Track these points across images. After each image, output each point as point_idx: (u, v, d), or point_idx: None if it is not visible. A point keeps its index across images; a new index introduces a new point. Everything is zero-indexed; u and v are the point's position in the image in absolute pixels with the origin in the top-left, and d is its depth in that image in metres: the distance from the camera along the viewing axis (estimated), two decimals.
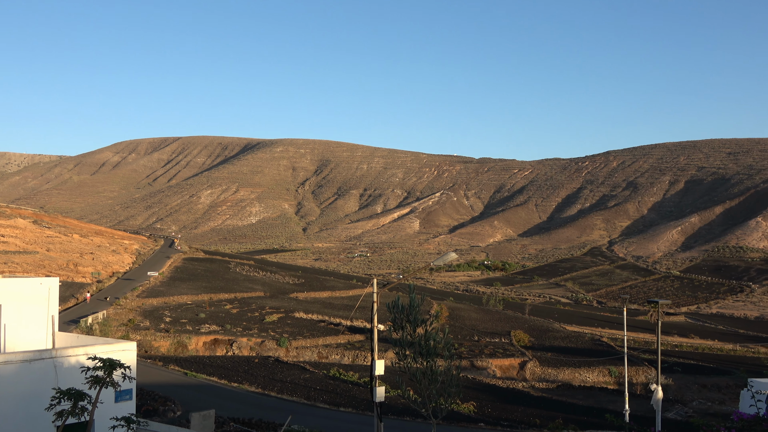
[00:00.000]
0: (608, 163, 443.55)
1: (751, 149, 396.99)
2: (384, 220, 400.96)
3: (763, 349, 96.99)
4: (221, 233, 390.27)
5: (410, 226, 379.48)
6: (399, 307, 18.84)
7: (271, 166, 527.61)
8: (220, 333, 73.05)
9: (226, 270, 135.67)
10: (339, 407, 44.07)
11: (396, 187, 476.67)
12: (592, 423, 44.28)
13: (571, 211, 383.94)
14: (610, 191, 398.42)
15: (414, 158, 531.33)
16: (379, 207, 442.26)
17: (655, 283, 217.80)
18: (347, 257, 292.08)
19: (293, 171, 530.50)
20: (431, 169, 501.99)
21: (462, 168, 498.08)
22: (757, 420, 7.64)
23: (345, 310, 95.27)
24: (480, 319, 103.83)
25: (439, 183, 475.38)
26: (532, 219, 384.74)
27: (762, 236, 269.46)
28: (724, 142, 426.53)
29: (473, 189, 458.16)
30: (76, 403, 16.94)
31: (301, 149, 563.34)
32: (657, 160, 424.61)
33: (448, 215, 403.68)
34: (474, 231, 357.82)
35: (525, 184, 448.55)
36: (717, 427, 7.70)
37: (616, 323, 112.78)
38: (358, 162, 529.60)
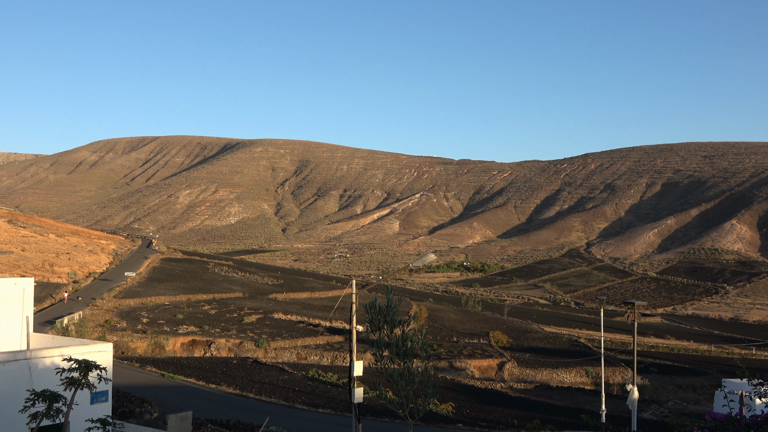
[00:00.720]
0: (586, 166, 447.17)
1: (727, 153, 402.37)
2: (364, 220, 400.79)
3: (737, 350, 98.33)
4: (200, 233, 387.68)
5: (390, 227, 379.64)
6: (376, 308, 18.85)
7: (250, 166, 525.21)
8: (198, 334, 72.58)
9: (204, 270, 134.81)
10: (317, 408, 43.99)
11: (376, 188, 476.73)
12: (570, 423, 44.60)
13: (550, 212, 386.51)
14: (588, 193, 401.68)
15: (394, 159, 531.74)
16: (359, 208, 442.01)
17: (632, 284, 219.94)
18: (327, 258, 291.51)
19: (273, 171, 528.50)
20: (411, 171, 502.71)
21: (442, 169, 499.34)
22: (730, 420, 7.75)
23: (324, 311, 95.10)
24: (459, 320, 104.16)
25: (419, 184, 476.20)
26: (511, 220, 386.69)
27: (736, 239, 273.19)
28: (700, 146, 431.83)
29: (453, 190, 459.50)
30: (50, 405, 16.74)
31: (280, 149, 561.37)
32: (634, 162, 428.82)
33: (427, 216, 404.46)
34: (453, 232, 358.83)
35: (504, 185, 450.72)
36: (690, 427, 7.81)
37: (593, 324, 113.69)
38: (338, 163, 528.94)
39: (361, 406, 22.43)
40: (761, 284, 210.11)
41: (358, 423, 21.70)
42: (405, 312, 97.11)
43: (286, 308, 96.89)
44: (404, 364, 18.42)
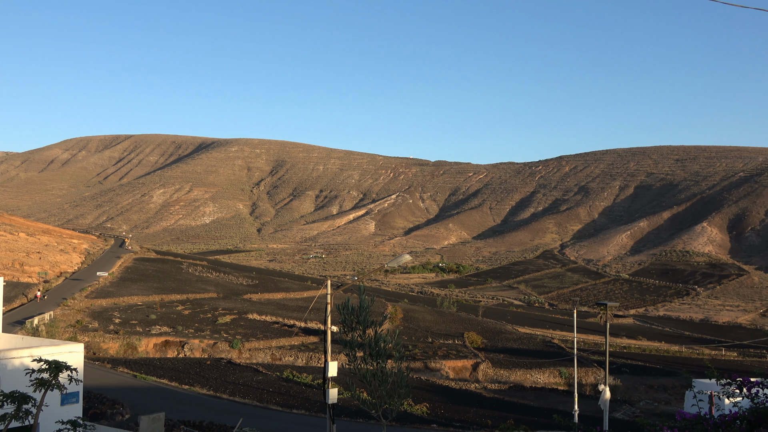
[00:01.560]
0: (561, 168, 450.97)
1: (698, 156, 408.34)
2: (339, 221, 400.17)
3: (706, 351, 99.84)
4: (174, 233, 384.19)
5: (366, 228, 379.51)
6: (349, 308, 18.84)
7: (225, 165, 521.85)
8: (171, 334, 71.93)
9: (178, 271, 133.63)
10: (292, 409, 43.83)
11: (352, 188, 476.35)
12: (543, 423, 44.95)
13: (525, 214, 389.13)
14: (563, 195, 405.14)
15: (370, 160, 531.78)
16: (335, 208, 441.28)
17: (604, 285, 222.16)
18: (302, 258, 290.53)
19: (248, 171, 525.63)
20: (387, 171, 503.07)
21: (418, 170, 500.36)
22: (699, 419, 7.87)
23: (299, 312, 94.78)
24: (434, 321, 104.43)
25: (395, 185, 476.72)
26: (487, 222, 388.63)
27: (707, 241, 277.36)
28: (673, 149, 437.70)
29: (429, 191, 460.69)
30: (19, 407, 16.48)
31: (256, 149, 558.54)
32: (608, 165, 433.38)
33: (403, 217, 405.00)
34: (429, 233, 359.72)
35: (480, 187, 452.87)
36: (660, 427, 7.91)
37: (567, 325, 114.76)
38: (314, 163, 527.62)
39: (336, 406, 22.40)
40: (731, 286, 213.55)
41: (333, 424, 21.68)
42: (380, 313, 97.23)
43: (260, 309, 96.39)
44: (377, 364, 18.43)
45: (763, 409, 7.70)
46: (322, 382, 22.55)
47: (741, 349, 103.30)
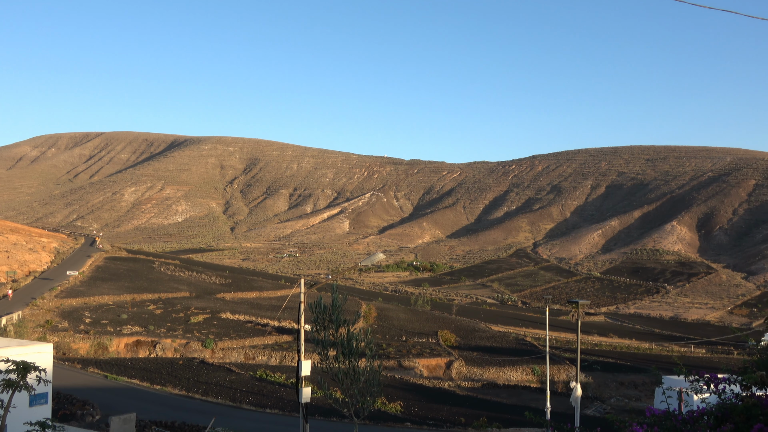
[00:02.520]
0: (534, 167, 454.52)
1: (668, 156, 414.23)
2: (314, 220, 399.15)
3: (676, 348, 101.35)
4: (146, 232, 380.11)
5: (340, 227, 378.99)
6: (321, 306, 18.80)
7: (198, 163, 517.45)
8: (142, 334, 71.19)
9: (150, 270, 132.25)
10: (265, 409, 43.65)
11: (326, 187, 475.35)
12: (515, 421, 45.31)
13: (498, 213, 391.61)
14: (536, 194, 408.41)
15: (344, 159, 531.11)
16: (309, 207, 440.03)
17: (576, 284, 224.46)
18: (276, 257, 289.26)
19: (221, 169, 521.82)
20: (361, 170, 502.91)
21: (392, 169, 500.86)
22: (667, 415, 7.98)
23: (273, 311, 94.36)
24: (408, 320, 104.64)
25: (369, 184, 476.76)
26: (460, 221, 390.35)
27: (677, 239, 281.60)
28: (643, 149, 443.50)
29: (403, 190, 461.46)
30: None
31: (229, 147, 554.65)
32: (580, 165, 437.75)
33: (377, 216, 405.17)
34: (403, 232, 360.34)
35: (453, 186, 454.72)
36: (629, 423, 8.01)
37: (539, 323, 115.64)
38: (288, 161, 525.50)
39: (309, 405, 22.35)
40: (699, 284, 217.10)
41: (306, 423, 21.63)
42: (354, 311, 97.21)
43: (234, 308, 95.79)
44: (350, 363, 18.43)
45: (730, 405, 7.84)
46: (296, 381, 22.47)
47: (709, 346, 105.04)
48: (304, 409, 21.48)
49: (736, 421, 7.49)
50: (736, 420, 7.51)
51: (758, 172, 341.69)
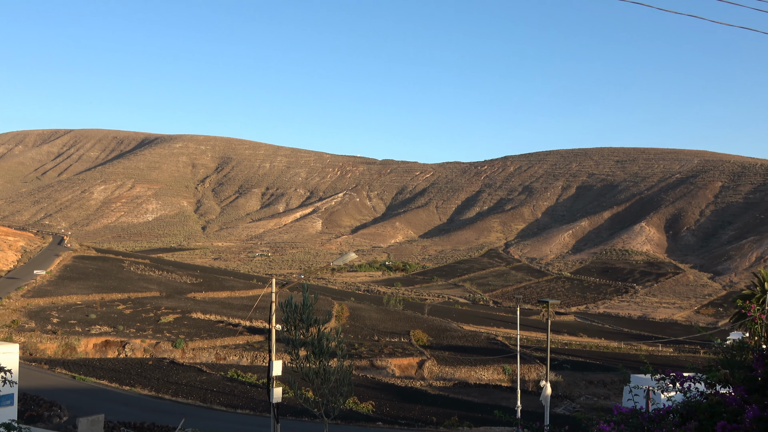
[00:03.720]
0: (506, 168, 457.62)
1: (637, 158, 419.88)
2: (286, 219, 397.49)
3: (644, 347, 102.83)
4: (115, 231, 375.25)
5: (312, 226, 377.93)
6: (292, 306, 18.75)
7: (169, 162, 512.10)
8: (111, 334, 70.32)
9: (119, 269, 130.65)
10: (236, 409, 43.40)
11: (299, 186, 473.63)
12: (486, 419, 45.62)
13: (470, 213, 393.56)
14: (507, 195, 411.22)
15: (317, 158, 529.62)
16: (282, 206, 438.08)
17: (547, 283, 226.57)
18: (248, 257, 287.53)
19: (193, 168, 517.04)
20: (334, 170, 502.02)
21: (365, 169, 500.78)
22: (634, 413, 8.12)
23: (244, 311, 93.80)
24: (380, 319, 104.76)
25: (342, 183, 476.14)
26: (433, 221, 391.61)
27: (645, 240, 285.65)
28: (613, 151, 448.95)
29: (376, 190, 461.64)
30: None
31: (201, 145, 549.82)
32: (551, 166, 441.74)
33: (350, 216, 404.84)
34: (376, 232, 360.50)
35: (426, 186, 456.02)
36: (596, 421, 8.13)
37: (510, 322, 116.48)
38: (261, 160, 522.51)
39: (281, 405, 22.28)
40: (667, 284, 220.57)
41: (277, 423, 21.56)
42: (325, 311, 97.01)
43: (205, 308, 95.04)
44: (320, 362, 18.41)
45: (695, 403, 8.00)
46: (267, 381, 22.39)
47: (677, 345, 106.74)
48: (275, 409, 21.41)
49: (701, 418, 7.64)
50: (700, 418, 7.67)
51: (725, 174, 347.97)
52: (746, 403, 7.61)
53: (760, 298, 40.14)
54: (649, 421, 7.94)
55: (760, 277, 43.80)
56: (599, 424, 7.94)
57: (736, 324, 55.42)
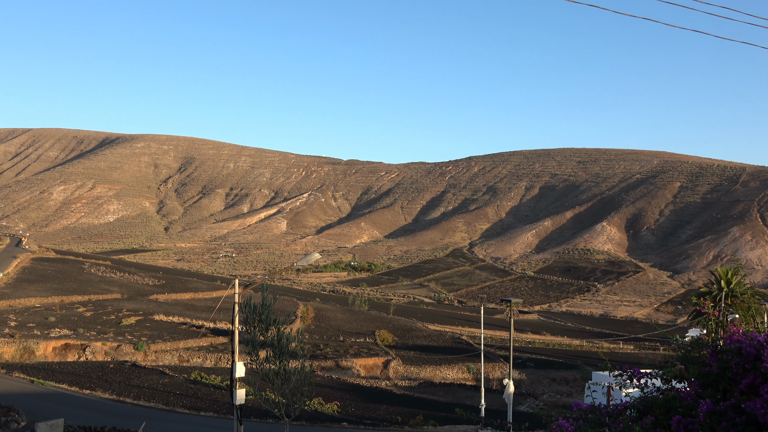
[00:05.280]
0: (470, 168, 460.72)
1: (599, 159, 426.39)
2: (250, 220, 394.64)
3: (606, 344, 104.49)
4: (75, 232, 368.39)
5: (277, 227, 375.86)
6: (251, 306, 18.64)
7: (131, 162, 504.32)
8: (71, 337, 69.02)
9: (79, 271, 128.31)
10: (200, 411, 42.96)
11: (263, 186, 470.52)
12: (451, 418, 45.90)
13: (435, 213, 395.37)
14: (472, 195, 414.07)
15: (282, 158, 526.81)
16: (246, 207, 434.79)
17: (511, 283, 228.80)
18: (212, 258, 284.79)
19: (155, 168, 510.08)
20: (299, 170, 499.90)
21: (330, 169, 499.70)
22: (592, 409, 8.28)
23: (208, 312, 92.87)
24: (345, 320, 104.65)
25: (307, 184, 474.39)
26: (398, 221, 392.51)
27: (606, 239, 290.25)
28: (575, 152, 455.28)
29: (341, 190, 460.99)
30: None
31: (164, 145, 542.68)
32: (515, 166, 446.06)
33: (315, 216, 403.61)
34: (341, 232, 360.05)
35: (391, 186, 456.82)
36: (556, 417, 8.28)
37: (475, 322, 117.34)
38: (225, 160, 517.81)
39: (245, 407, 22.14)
40: (628, 282, 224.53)
41: (240, 425, 21.41)
42: (286, 311, 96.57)
43: (167, 309, 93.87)
44: (280, 363, 18.34)
45: (651, 398, 8.18)
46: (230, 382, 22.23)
47: (637, 342, 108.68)
48: (239, 410, 21.27)
49: (657, 413, 7.82)
50: (656, 412, 7.85)
51: (683, 174, 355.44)
52: (700, 398, 7.82)
53: (717, 295, 41.12)
54: (607, 417, 8.10)
55: (717, 275, 44.87)
56: (558, 420, 8.10)
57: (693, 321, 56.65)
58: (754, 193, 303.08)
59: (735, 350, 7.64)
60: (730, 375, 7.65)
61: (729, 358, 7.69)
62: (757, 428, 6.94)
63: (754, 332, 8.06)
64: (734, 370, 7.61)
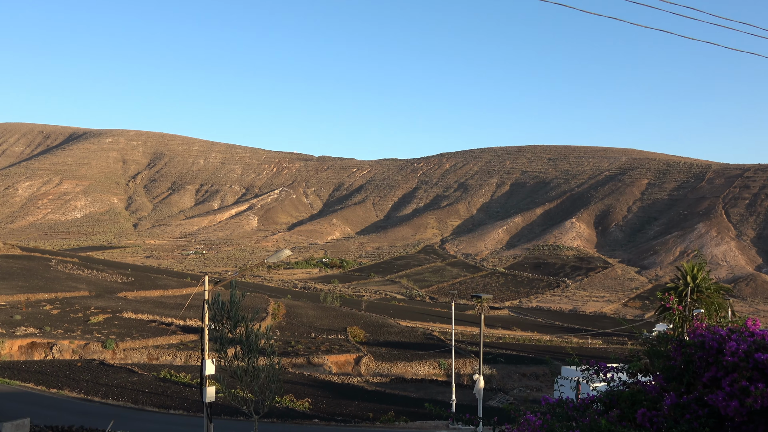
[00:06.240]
0: (441, 165, 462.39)
1: (568, 156, 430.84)
2: (221, 216, 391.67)
3: (575, 339, 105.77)
4: (42, 228, 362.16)
5: (248, 223, 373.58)
6: (219, 303, 18.53)
7: (99, 157, 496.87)
8: (38, 336, 67.93)
9: (46, 268, 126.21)
10: (169, 410, 42.59)
11: (234, 183, 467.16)
12: (422, 414, 46.08)
13: (407, 210, 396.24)
14: (443, 192, 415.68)
15: (253, 154, 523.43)
16: (216, 203, 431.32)
17: (482, 279, 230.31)
18: (182, 254, 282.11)
19: (124, 164, 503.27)
20: (271, 166, 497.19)
21: (302, 165, 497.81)
22: (560, 403, 8.39)
23: (178, 309, 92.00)
24: (317, 317, 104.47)
25: (279, 180, 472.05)
26: (370, 217, 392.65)
27: (576, 236, 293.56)
28: (545, 149, 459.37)
29: (313, 187, 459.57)
30: None
31: (132, 141, 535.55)
32: (486, 163, 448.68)
33: (287, 212, 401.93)
34: (313, 228, 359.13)
35: (363, 183, 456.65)
36: (524, 411, 8.38)
37: (446, 317, 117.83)
38: (195, 156, 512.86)
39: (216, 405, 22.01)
40: (597, 278, 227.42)
41: (210, 423, 21.28)
42: (255, 308, 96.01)
43: (136, 307, 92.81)
44: (248, 360, 18.26)
45: (617, 392, 8.32)
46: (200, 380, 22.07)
47: (605, 337, 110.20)
48: (208, 408, 21.13)
49: (622, 406, 7.96)
50: (622, 406, 7.99)
51: (651, 171, 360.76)
52: (665, 391, 7.97)
53: (683, 291, 41.82)
54: (574, 410, 8.22)
55: (683, 270, 45.61)
56: (526, 414, 8.20)
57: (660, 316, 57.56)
58: (719, 190, 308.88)
59: (698, 344, 7.79)
60: (694, 368, 7.80)
61: (692, 352, 7.84)
62: (718, 420, 7.10)
63: (717, 326, 8.23)
64: (697, 364, 7.76)
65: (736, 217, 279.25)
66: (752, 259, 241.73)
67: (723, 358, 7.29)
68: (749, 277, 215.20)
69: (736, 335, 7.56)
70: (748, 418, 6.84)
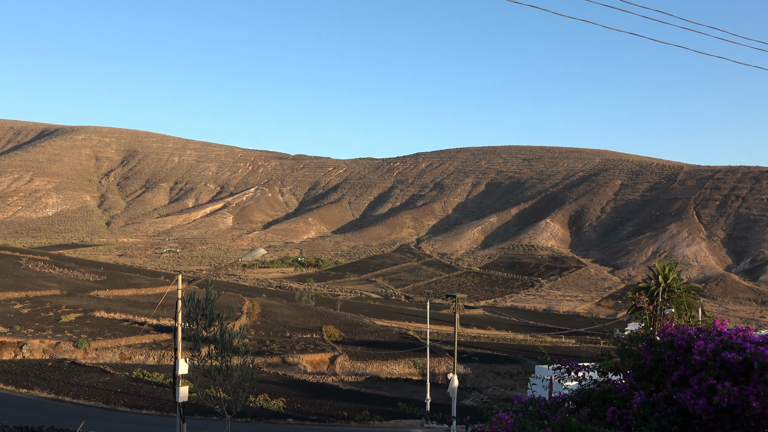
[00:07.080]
0: (417, 165, 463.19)
1: (543, 156, 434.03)
2: (195, 214, 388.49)
3: (549, 338, 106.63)
4: (12, 226, 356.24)
5: (223, 222, 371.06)
6: (195, 301, 18.41)
7: (71, 154, 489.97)
8: (7, 335, 66.89)
9: (16, 266, 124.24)
10: (141, 410, 42.20)
11: (209, 181, 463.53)
12: (397, 413, 46.18)
13: (383, 209, 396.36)
14: (419, 191, 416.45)
15: (228, 152, 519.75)
16: (191, 201, 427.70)
17: (457, 278, 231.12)
18: (155, 253, 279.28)
19: (96, 161, 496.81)
20: (246, 164, 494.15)
21: (277, 164, 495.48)
22: (532, 401, 8.48)
23: (151, 308, 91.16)
24: (292, 316, 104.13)
25: (254, 178, 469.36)
26: (346, 216, 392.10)
27: (550, 236, 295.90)
28: (520, 149, 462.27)
29: (288, 185, 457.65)
30: None
31: (105, 138, 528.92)
32: (461, 163, 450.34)
33: (262, 211, 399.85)
34: (288, 227, 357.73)
35: (339, 182, 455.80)
36: (496, 410, 8.45)
37: (421, 317, 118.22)
38: (169, 154, 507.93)
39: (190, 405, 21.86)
40: (570, 278, 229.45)
41: (183, 423, 21.13)
42: (230, 307, 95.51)
43: (109, 306, 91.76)
44: (222, 359, 18.17)
45: (588, 391, 8.43)
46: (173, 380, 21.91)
47: (579, 336, 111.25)
48: (181, 408, 20.97)
49: (593, 405, 8.07)
50: (593, 404, 8.10)
51: (624, 172, 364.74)
52: (634, 389, 8.09)
53: (655, 290, 42.39)
54: (546, 409, 8.31)
55: (655, 270, 46.21)
56: (499, 413, 8.27)
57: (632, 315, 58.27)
58: (691, 192, 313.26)
59: (667, 343, 7.91)
60: (663, 367, 7.92)
61: (662, 350, 7.96)
62: (687, 418, 7.23)
63: (686, 326, 8.36)
64: (667, 363, 7.89)
65: (707, 218, 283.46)
66: (722, 259, 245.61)
67: (691, 357, 7.42)
68: (719, 277, 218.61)
69: (704, 335, 7.69)
70: (715, 416, 6.97)
